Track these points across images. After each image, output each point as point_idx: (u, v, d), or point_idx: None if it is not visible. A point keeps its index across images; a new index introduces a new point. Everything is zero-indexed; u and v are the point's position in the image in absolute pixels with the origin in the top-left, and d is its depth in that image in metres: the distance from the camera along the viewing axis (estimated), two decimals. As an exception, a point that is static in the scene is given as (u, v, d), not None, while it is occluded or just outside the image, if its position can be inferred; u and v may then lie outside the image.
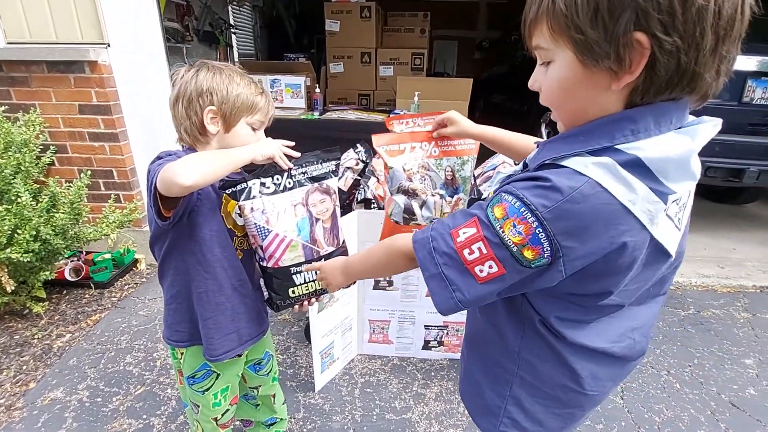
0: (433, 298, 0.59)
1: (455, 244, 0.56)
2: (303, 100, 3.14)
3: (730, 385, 1.75)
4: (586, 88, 0.51)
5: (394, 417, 1.54)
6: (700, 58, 0.45)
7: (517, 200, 0.51)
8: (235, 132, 0.92)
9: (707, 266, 2.67)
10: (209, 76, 0.88)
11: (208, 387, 1.03)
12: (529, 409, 0.70)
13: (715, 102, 2.68)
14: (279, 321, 2.05)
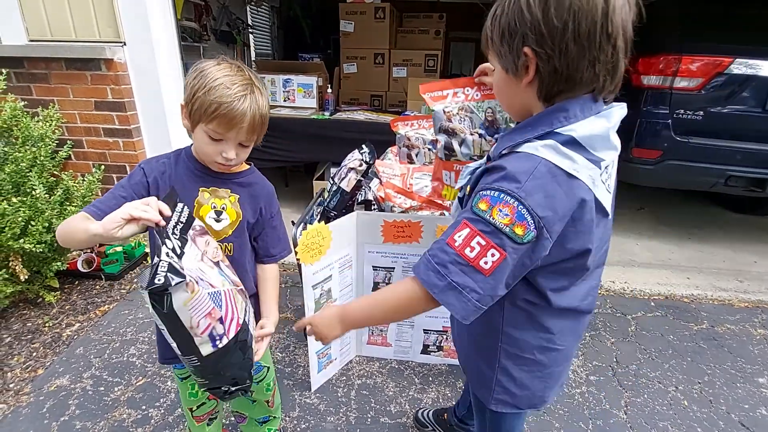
0: (453, 310, 0.66)
1: (455, 249, 0.64)
2: (314, 100, 3.16)
3: (740, 404, 1.67)
4: (509, 87, 0.69)
5: (389, 421, 1.53)
6: (570, 64, 0.60)
7: (494, 191, 0.62)
8: (195, 134, 0.88)
9: (725, 279, 2.56)
10: (204, 73, 0.84)
11: (187, 375, 1.03)
12: (516, 376, 0.82)
13: (738, 108, 2.58)
14: (280, 319, 2.05)
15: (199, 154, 0.91)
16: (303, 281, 1.40)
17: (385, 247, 1.55)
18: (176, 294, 0.66)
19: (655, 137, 2.73)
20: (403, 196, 1.62)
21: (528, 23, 0.60)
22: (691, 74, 2.57)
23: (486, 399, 0.87)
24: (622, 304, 2.31)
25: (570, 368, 0.94)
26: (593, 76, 0.61)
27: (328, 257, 1.44)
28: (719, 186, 2.77)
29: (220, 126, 0.83)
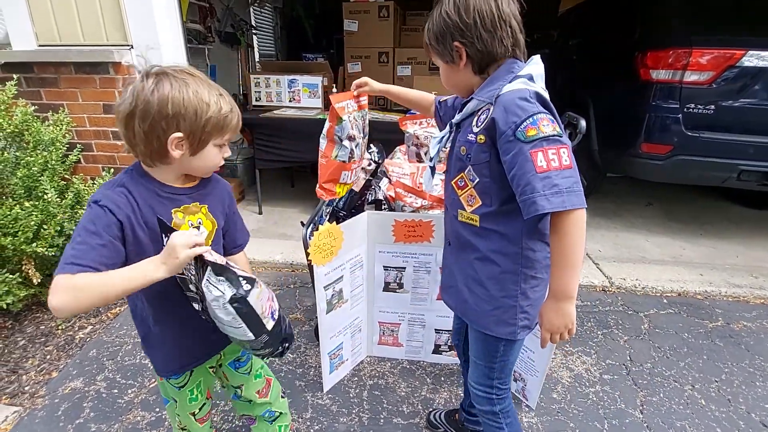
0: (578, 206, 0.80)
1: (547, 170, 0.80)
2: (320, 100, 3.16)
3: (761, 404, 1.64)
4: (453, 73, 0.96)
5: (402, 422, 1.52)
6: (486, 44, 0.89)
7: (528, 118, 0.82)
8: (202, 155, 0.85)
9: (739, 275, 2.53)
10: (174, 94, 0.78)
11: (184, 384, 1.03)
12: (531, 297, 0.97)
13: (750, 101, 2.54)
14: (290, 320, 2.06)
15: (200, 170, 0.90)
16: (315, 282, 1.40)
17: (397, 246, 1.54)
18: (251, 294, 0.81)
19: (665, 132, 2.70)
20: (413, 195, 1.61)
21: (452, 26, 0.89)
22: (701, 68, 2.54)
23: (513, 332, 0.98)
24: (634, 301, 2.29)
25: None
26: (504, 48, 0.89)
27: (339, 258, 1.43)
28: (731, 181, 2.72)
29: (232, 132, 0.87)
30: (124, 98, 0.80)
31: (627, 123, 2.88)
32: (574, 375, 1.76)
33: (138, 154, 0.84)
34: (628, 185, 3.91)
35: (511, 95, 0.84)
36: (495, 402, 1.09)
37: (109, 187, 0.83)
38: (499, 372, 1.06)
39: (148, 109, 0.78)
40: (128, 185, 0.84)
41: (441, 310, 1.66)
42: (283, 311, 1.01)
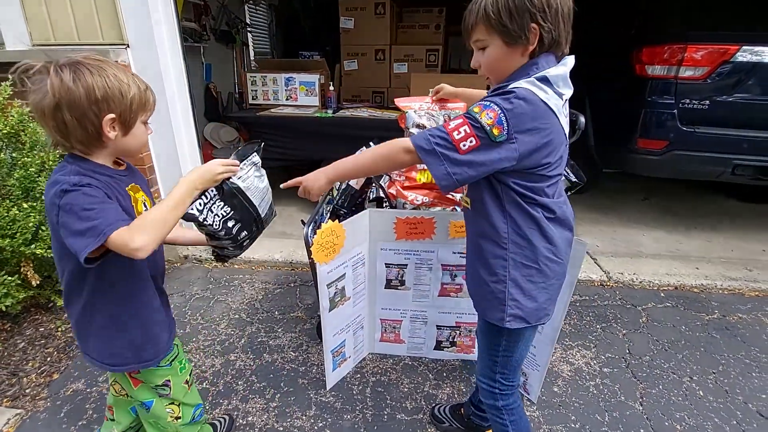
0: (432, 172, 0.88)
1: (447, 130, 0.87)
2: (317, 98, 3.15)
3: (758, 394, 1.67)
4: (510, 58, 0.91)
5: (405, 417, 1.54)
6: (561, 34, 0.88)
7: (487, 101, 0.86)
8: (133, 133, 0.90)
9: (734, 268, 2.56)
10: (96, 80, 0.81)
11: (173, 358, 1.10)
12: (525, 287, 0.97)
13: (745, 96, 2.57)
14: (291, 318, 2.06)
15: (132, 149, 0.94)
16: (318, 280, 1.40)
17: (398, 244, 1.55)
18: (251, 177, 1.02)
19: (661, 127, 2.72)
20: (414, 192, 1.61)
21: (536, 5, 0.84)
22: (696, 63, 2.56)
23: (501, 319, 0.99)
24: (632, 295, 2.31)
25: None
26: (564, 41, 0.89)
27: (341, 256, 1.44)
28: (726, 175, 2.76)
29: (152, 108, 0.93)
30: (41, 93, 0.81)
31: (623, 119, 2.90)
32: (574, 369, 1.78)
33: (73, 144, 0.86)
34: (624, 181, 3.93)
35: (511, 87, 0.87)
36: (498, 397, 1.10)
37: (66, 175, 0.83)
38: (502, 366, 1.08)
39: (73, 98, 0.80)
40: (83, 172, 0.85)
41: (443, 307, 1.67)
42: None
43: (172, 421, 1.15)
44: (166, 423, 1.15)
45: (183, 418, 1.16)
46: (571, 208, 1.02)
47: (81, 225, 0.79)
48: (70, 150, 0.88)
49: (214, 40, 4.09)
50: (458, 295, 1.64)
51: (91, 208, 0.80)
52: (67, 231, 0.80)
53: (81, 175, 0.83)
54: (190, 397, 1.17)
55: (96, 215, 0.79)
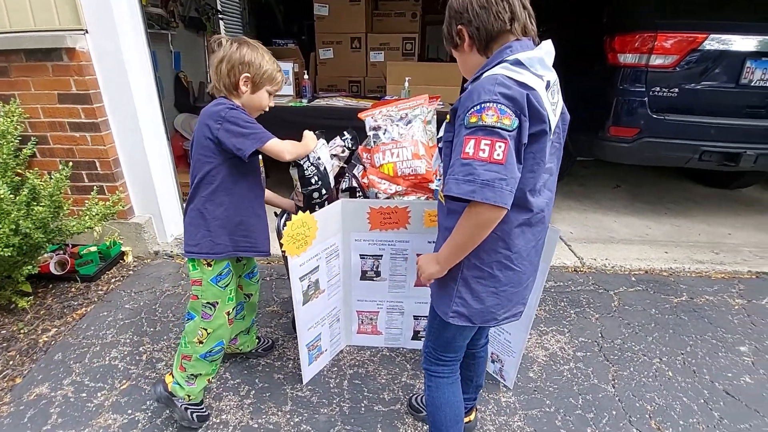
0: (494, 202, 0.82)
1: (471, 158, 0.82)
2: (291, 87, 3.07)
3: (724, 373, 1.73)
4: (464, 58, 0.98)
5: (383, 408, 1.53)
6: (483, 20, 0.90)
7: (476, 105, 0.83)
8: (258, 95, 1.28)
9: (701, 252, 2.65)
10: (249, 52, 1.23)
11: (228, 283, 1.36)
12: (474, 288, 0.98)
13: (711, 84, 2.63)
14: (267, 313, 2.02)
15: (251, 107, 1.29)
16: (290, 273, 1.37)
17: (373, 234, 1.53)
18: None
19: (632, 115, 2.77)
20: (387, 182, 1.59)
21: (453, 13, 0.94)
22: (666, 51, 2.60)
23: (445, 313, 1.02)
24: (604, 280, 2.36)
25: (524, 301, 1.07)
26: (501, 23, 0.89)
27: (314, 247, 1.40)
28: (694, 161, 2.83)
29: (278, 86, 1.32)
30: (217, 53, 1.24)
31: (596, 107, 2.94)
32: (549, 354, 1.81)
33: (220, 88, 1.26)
34: (597, 168, 4.01)
35: (483, 81, 0.85)
36: (429, 361, 1.18)
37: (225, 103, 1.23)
38: (434, 341, 1.15)
39: (231, 56, 1.23)
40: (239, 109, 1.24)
41: (419, 297, 1.66)
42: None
43: (196, 344, 1.37)
44: (191, 342, 1.37)
45: (204, 345, 1.37)
46: (548, 202, 0.99)
47: (246, 131, 1.20)
48: (219, 93, 1.27)
49: (183, 27, 3.92)
50: (434, 284, 1.63)
51: (252, 122, 1.23)
52: (231, 134, 1.19)
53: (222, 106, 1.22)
54: (222, 330, 1.38)
55: (256, 128, 1.22)
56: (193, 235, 1.29)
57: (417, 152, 1.57)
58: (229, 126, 1.19)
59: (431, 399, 1.18)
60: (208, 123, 1.20)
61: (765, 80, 2.59)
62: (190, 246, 1.30)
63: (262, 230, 1.38)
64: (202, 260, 1.31)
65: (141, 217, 2.47)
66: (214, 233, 1.28)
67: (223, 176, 1.25)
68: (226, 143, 1.19)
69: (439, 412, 1.17)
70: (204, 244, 1.29)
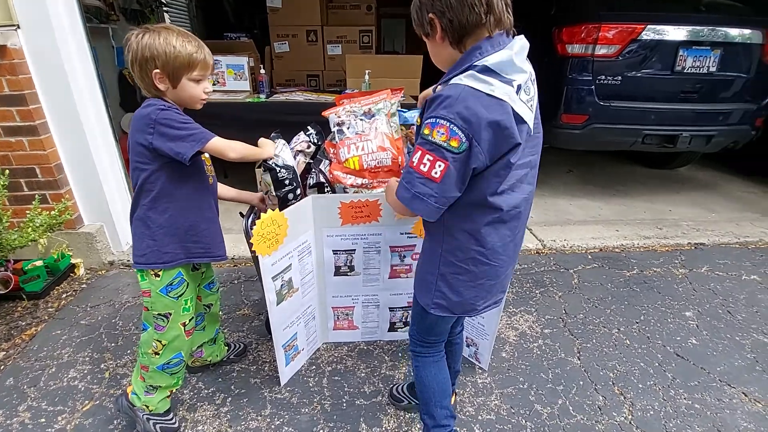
0: (420, 213, 0.91)
1: (414, 168, 0.87)
2: (247, 82, 2.97)
3: (673, 337, 1.89)
4: (434, 47, 0.93)
5: (365, 402, 1.54)
6: (457, 13, 0.83)
7: (433, 118, 0.83)
8: (183, 88, 1.13)
9: (647, 228, 2.86)
10: (152, 41, 1.06)
11: (182, 293, 1.27)
12: (452, 282, 1.01)
13: (650, 72, 2.83)
14: (238, 317, 1.96)
15: (185, 100, 1.16)
16: (262, 273, 1.33)
17: (344, 229, 1.52)
18: None
19: (581, 103, 2.93)
20: (353, 176, 1.58)
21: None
22: (609, 41, 2.76)
23: (427, 304, 1.06)
24: (564, 260, 2.50)
25: (504, 289, 1.14)
26: (477, 16, 0.83)
27: (285, 246, 1.38)
28: (638, 144, 3.05)
29: (201, 69, 1.13)
30: (127, 53, 1.10)
31: (548, 96, 3.08)
32: (519, 333, 1.89)
33: (145, 91, 1.14)
34: (551, 155, 4.20)
35: (448, 90, 0.82)
36: (415, 344, 1.24)
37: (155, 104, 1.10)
38: (417, 326, 1.21)
39: (136, 54, 1.08)
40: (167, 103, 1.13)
41: (394, 288, 1.68)
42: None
43: (152, 355, 1.30)
44: (146, 353, 1.31)
45: (161, 357, 1.30)
46: (526, 197, 0.98)
47: (182, 132, 1.08)
48: (148, 94, 1.14)
49: (124, 20, 3.67)
50: (408, 275, 1.65)
51: (188, 121, 1.11)
52: (166, 138, 1.08)
53: (158, 105, 1.10)
54: (178, 342, 1.31)
55: (193, 128, 1.10)
56: (138, 246, 1.21)
57: (382, 144, 1.57)
58: (162, 129, 1.07)
59: (419, 378, 1.23)
60: (140, 128, 1.09)
61: (696, 67, 2.83)
62: (137, 257, 1.22)
63: (214, 234, 1.30)
64: (150, 270, 1.23)
65: (91, 226, 2.30)
66: (159, 242, 1.19)
67: (163, 182, 1.15)
68: (163, 148, 1.08)
69: (428, 390, 1.22)
70: (150, 255, 1.20)
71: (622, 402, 1.55)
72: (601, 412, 1.51)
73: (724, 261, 2.50)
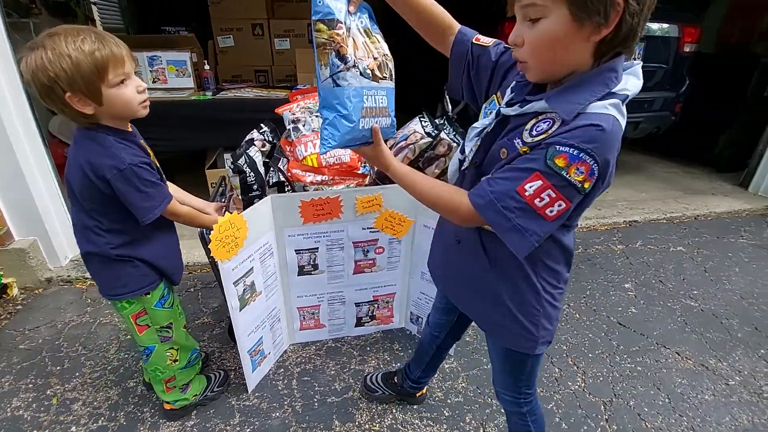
0: (512, 247, 0.73)
1: (525, 198, 0.69)
2: (191, 79, 2.82)
3: (616, 308, 2.07)
4: (571, 42, 0.64)
5: (336, 399, 1.54)
6: (641, 23, 0.63)
7: (574, 149, 0.64)
8: (109, 100, 0.94)
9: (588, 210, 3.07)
10: (39, 62, 0.85)
11: (173, 302, 1.28)
12: (552, 313, 0.88)
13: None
14: (197, 326, 1.89)
15: (125, 113, 0.99)
16: (222, 279, 1.29)
17: (306, 228, 1.50)
18: None
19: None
20: (312, 174, 1.57)
21: None
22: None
23: (532, 347, 0.89)
24: (518, 244, 2.63)
25: None
26: (636, 35, 0.65)
27: (246, 249, 1.34)
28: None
29: (117, 69, 0.91)
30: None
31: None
32: (480, 318, 1.98)
33: (71, 119, 0.95)
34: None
35: (600, 118, 0.65)
36: (522, 404, 1.05)
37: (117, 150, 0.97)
38: (526, 381, 1.02)
39: (35, 84, 0.88)
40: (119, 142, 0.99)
41: (359, 284, 1.69)
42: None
43: (171, 364, 1.31)
44: (165, 366, 1.31)
45: (180, 361, 1.33)
46: None
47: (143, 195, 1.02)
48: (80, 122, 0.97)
49: (47, 14, 3.32)
50: (372, 269, 1.67)
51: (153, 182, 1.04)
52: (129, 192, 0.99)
53: (123, 148, 0.98)
54: (188, 341, 1.37)
55: (154, 193, 1.05)
56: (111, 279, 1.14)
57: (341, 141, 1.57)
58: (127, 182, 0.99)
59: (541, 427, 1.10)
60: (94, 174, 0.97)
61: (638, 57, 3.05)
62: (115, 289, 1.15)
63: (176, 252, 1.30)
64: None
65: (23, 241, 2.10)
66: (139, 268, 1.15)
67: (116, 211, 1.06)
68: (124, 197, 1.01)
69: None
70: (132, 283, 1.15)
71: (575, 372, 1.68)
72: (558, 383, 1.62)
73: (654, 235, 2.76)
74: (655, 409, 1.53)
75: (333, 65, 0.74)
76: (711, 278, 2.32)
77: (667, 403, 1.55)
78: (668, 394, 1.59)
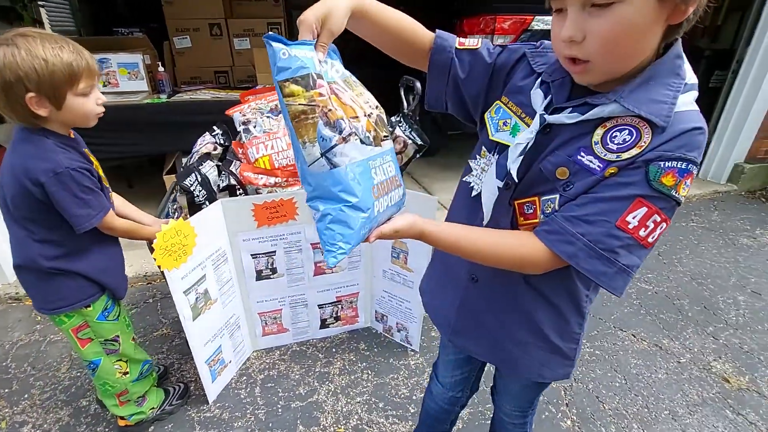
0: (614, 290, 0.61)
1: (629, 233, 0.58)
2: (145, 82, 2.71)
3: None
4: (651, 25, 0.52)
5: (301, 403, 1.52)
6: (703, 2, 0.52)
7: (682, 161, 0.55)
8: (68, 107, 0.94)
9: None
10: (10, 59, 0.85)
11: (118, 314, 1.22)
12: (582, 333, 0.79)
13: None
14: (155, 338, 1.82)
15: (77, 122, 0.99)
16: (171, 289, 1.24)
17: (261, 231, 1.47)
18: None
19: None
20: (264, 176, 1.53)
21: None
22: (504, 32, 2.96)
23: (567, 374, 0.82)
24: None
25: None
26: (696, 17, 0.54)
27: (196, 256, 1.30)
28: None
29: (87, 79, 0.94)
30: None
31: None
32: (446, 312, 1.99)
33: (16, 119, 0.93)
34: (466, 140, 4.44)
35: (695, 118, 0.56)
36: (528, 415, 1.04)
37: (55, 153, 0.95)
38: (532, 400, 1.00)
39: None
40: (62, 147, 0.97)
41: (320, 286, 1.67)
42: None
43: (120, 377, 1.25)
44: (114, 380, 1.25)
45: (131, 374, 1.28)
46: None
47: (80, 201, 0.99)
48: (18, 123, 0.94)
49: (-15, 17, 3.13)
50: (334, 270, 1.65)
51: (90, 190, 1.01)
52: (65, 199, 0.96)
53: (61, 152, 0.95)
54: (138, 353, 1.30)
55: (92, 202, 1.02)
56: (47, 292, 1.09)
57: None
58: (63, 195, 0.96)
59: None
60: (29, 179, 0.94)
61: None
62: (51, 303, 1.09)
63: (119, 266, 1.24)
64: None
65: (-39, 259, 1.97)
66: (76, 281, 1.09)
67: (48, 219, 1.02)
68: (59, 203, 0.97)
69: None
70: (70, 296, 1.10)
71: (538, 361, 1.71)
72: (520, 373, 1.65)
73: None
74: (612, 390, 1.58)
75: (323, 140, 0.55)
76: (664, 261, 2.42)
77: (624, 384, 1.61)
78: (624, 376, 1.64)
